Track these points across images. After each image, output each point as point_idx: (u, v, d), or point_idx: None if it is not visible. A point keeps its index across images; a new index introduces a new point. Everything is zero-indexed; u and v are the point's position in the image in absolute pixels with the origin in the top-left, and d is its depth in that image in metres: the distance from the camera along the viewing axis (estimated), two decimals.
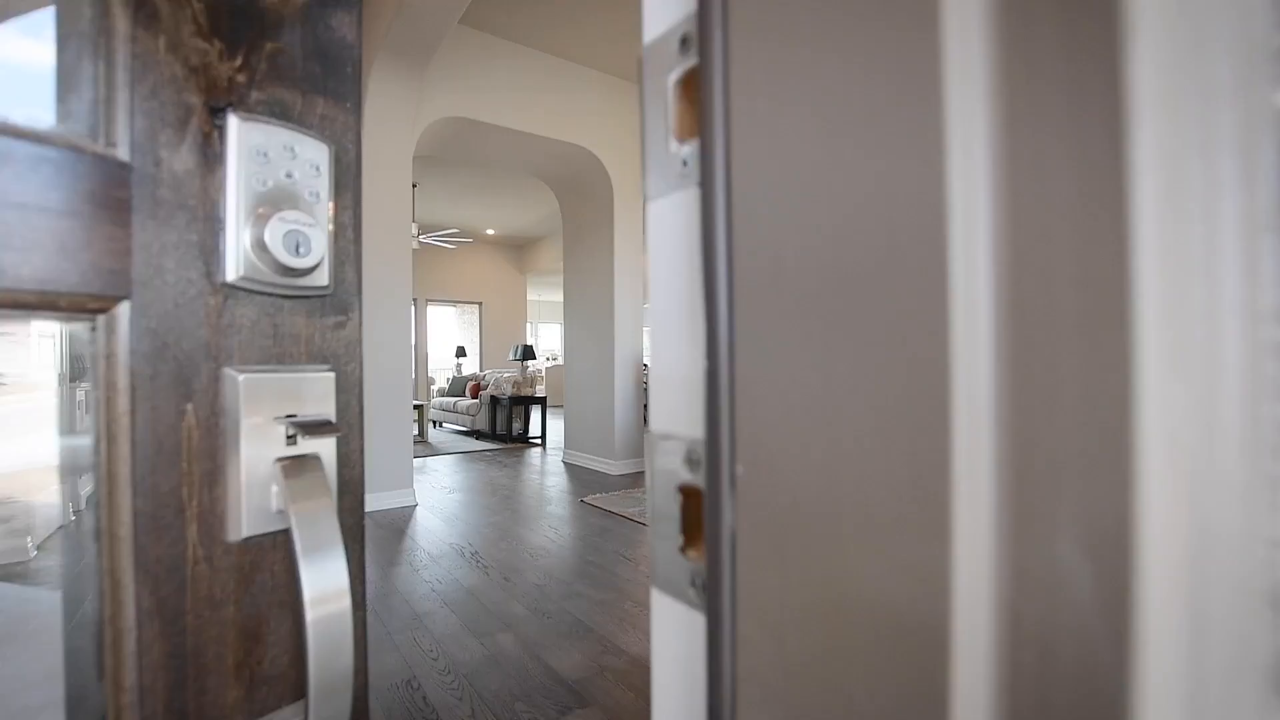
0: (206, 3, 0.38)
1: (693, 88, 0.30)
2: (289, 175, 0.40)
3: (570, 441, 5.66)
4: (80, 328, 0.34)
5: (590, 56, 4.60)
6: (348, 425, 0.41)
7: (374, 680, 1.86)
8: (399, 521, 3.65)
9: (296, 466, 0.39)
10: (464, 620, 2.29)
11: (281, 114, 0.40)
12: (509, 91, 4.34)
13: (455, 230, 9.33)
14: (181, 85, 0.37)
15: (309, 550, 0.37)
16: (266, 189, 0.39)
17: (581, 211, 5.37)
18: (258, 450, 0.38)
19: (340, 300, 0.42)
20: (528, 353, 7.93)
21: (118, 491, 0.33)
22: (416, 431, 7.33)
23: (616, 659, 1.99)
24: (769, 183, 0.24)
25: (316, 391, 0.40)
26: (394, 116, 3.81)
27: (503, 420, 7.22)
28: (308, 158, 0.41)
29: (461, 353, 10.29)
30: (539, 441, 7.10)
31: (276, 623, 0.39)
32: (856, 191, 0.21)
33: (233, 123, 0.38)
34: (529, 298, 13.11)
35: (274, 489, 0.38)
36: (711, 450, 0.27)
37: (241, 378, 0.37)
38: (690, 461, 0.30)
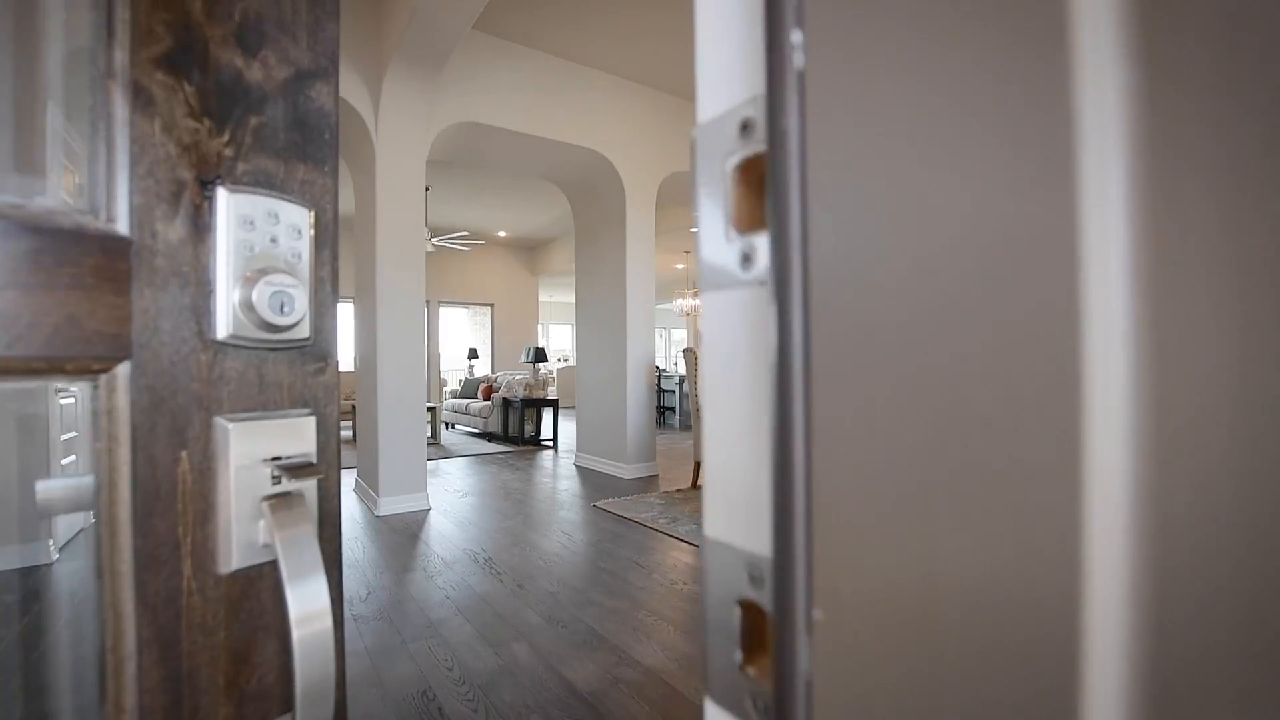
0: (197, 85, 0.43)
1: (754, 173, 0.27)
2: (273, 240, 0.44)
3: (582, 444, 5.70)
4: (84, 386, 0.38)
5: (599, 59, 4.63)
6: (326, 464, 0.45)
7: (389, 690, 1.90)
8: (413, 526, 3.72)
9: (282, 503, 0.43)
10: (478, 629, 2.32)
11: (265, 183, 0.44)
12: (519, 95, 4.38)
13: (467, 232, 9.43)
14: (175, 162, 0.41)
15: (294, 577, 0.41)
16: (253, 253, 0.43)
17: (593, 213, 5.39)
18: (246, 490, 0.42)
19: (319, 349, 0.46)
20: (539, 355, 7.98)
21: (118, 532, 0.37)
22: (429, 434, 7.41)
23: (631, 670, 2.00)
24: (853, 274, 0.21)
25: (299, 434, 0.45)
26: (408, 122, 3.87)
27: (515, 422, 7.27)
28: (290, 222, 0.45)
29: (474, 354, 10.39)
30: (551, 444, 7.15)
31: (263, 645, 0.43)
32: (969, 273, 0.18)
33: (221, 194, 0.42)
34: (540, 299, 13.19)
35: (261, 524, 0.42)
36: (781, 580, 0.23)
37: (231, 426, 0.41)
38: (753, 578, 0.27)
